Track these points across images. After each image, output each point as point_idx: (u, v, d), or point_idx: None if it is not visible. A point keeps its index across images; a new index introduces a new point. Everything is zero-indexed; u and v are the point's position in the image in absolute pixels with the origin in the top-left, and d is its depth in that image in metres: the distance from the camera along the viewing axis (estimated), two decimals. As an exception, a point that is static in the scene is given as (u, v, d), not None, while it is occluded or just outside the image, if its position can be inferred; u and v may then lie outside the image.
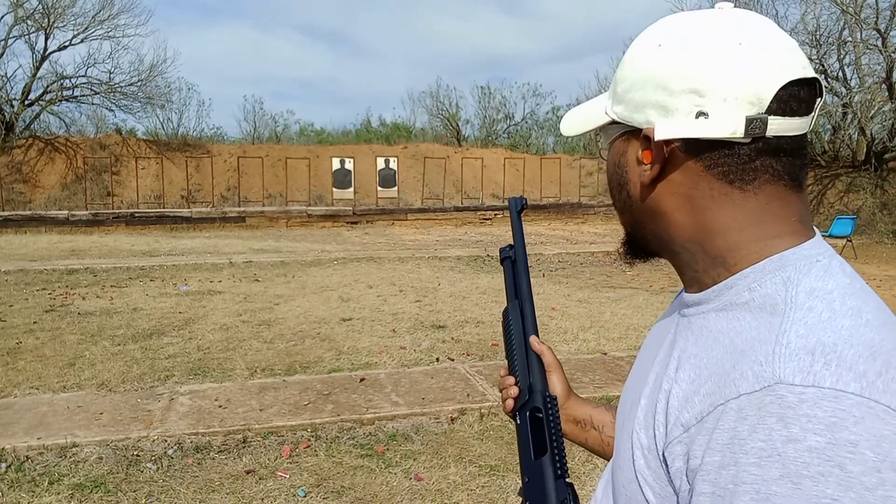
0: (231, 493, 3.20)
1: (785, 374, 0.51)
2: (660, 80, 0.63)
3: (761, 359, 0.53)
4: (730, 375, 0.55)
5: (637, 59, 0.66)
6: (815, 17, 18.34)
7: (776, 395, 0.50)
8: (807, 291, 0.57)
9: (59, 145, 21.77)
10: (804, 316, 0.55)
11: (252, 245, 14.51)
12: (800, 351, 0.52)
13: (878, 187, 17.57)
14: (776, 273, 0.60)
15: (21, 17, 21.95)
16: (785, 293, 0.58)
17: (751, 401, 0.51)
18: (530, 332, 0.90)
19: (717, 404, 0.54)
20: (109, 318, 6.91)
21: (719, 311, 0.62)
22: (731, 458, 0.51)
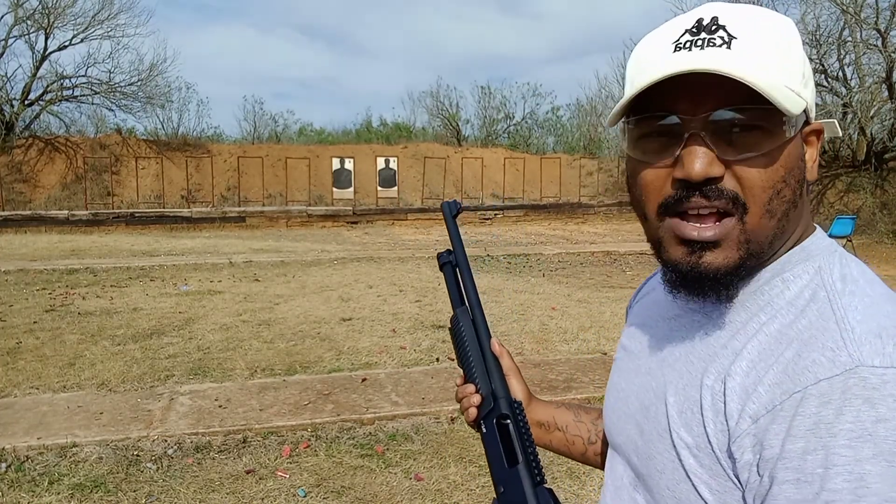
0: (231, 493, 3.20)
1: (864, 357, 0.52)
2: (809, 74, 0.65)
3: (830, 345, 0.54)
4: (798, 364, 0.55)
5: (804, 53, 0.65)
6: (815, 17, 18.33)
7: (859, 377, 0.51)
8: (840, 279, 0.60)
9: (59, 145, 21.77)
10: (851, 302, 0.57)
11: (252, 245, 14.51)
12: (868, 335, 0.53)
13: (878, 187, 17.57)
14: (806, 263, 0.62)
15: (21, 17, 21.95)
16: (821, 281, 0.60)
17: (832, 385, 0.52)
18: (485, 336, 0.88)
19: (791, 392, 0.54)
20: (109, 318, 6.91)
21: (750, 303, 0.63)
22: (817, 442, 0.51)
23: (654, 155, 0.63)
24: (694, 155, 0.59)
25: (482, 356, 0.87)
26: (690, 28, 0.62)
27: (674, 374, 0.66)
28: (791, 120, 0.59)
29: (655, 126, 0.63)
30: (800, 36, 0.65)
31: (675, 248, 0.63)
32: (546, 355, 5.50)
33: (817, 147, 0.65)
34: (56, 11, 22.23)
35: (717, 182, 0.60)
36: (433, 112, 32.16)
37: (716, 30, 0.61)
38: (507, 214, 21.48)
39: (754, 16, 0.62)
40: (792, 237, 0.64)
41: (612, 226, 20.19)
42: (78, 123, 24.92)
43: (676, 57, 0.61)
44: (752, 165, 0.59)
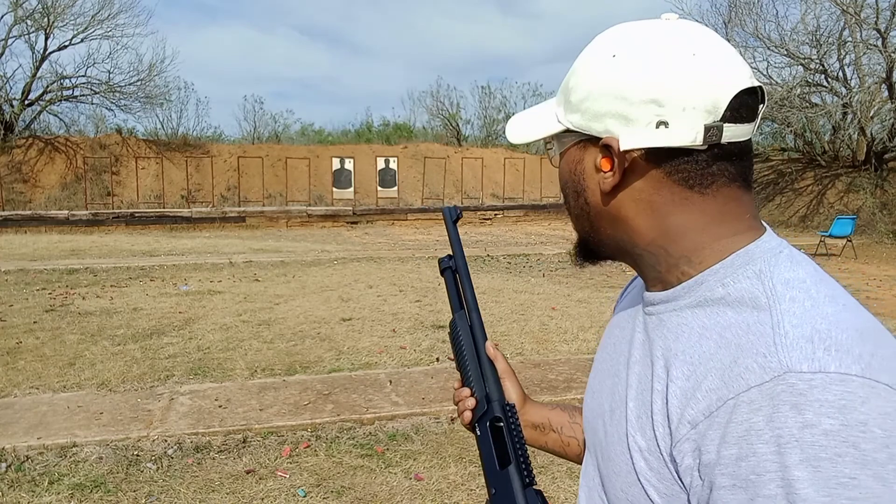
0: (231, 493, 3.20)
1: (792, 363, 0.52)
2: (619, 91, 0.64)
3: (763, 351, 0.55)
4: (733, 370, 0.56)
5: (592, 69, 0.67)
6: (815, 17, 18.34)
7: (787, 383, 0.52)
8: (783, 282, 0.60)
9: (59, 145, 21.76)
10: (790, 307, 0.57)
11: (252, 245, 14.51)
12: (799, 340, 0.54)
13: (878, 187, 17.56)
14: (746, 267, 0.63)
15: (21, 16, 21.94)
16: (762, 286, 0.60)
17: (762, 392, 0.53)
18: (481, 340, 0.89)
19: (726, 399, 0.55)
20: (109, 318, 6.91)
21: (695, 308, 0.64)
22: (748, 449, 0.52)
23: None
24: None
25: (478, 360, 0.88)
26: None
27: (633, 377, 0.68)
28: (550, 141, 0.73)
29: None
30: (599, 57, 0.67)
31: None
32: (546, 355, 5.50)
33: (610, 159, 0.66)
34: (56, 11, 22.22)
35: None
36: (433, 112, 32.17)
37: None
38: (507, 214, 21.47)
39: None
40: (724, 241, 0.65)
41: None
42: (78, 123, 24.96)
43: None
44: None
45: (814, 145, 20.59)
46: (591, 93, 0.66)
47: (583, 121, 0.67)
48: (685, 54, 0.62)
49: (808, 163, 20.44)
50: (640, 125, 0.63)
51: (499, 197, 23.70)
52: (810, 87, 19.54)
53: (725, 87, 0.61)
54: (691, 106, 0.61)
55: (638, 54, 0.63)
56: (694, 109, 0.61)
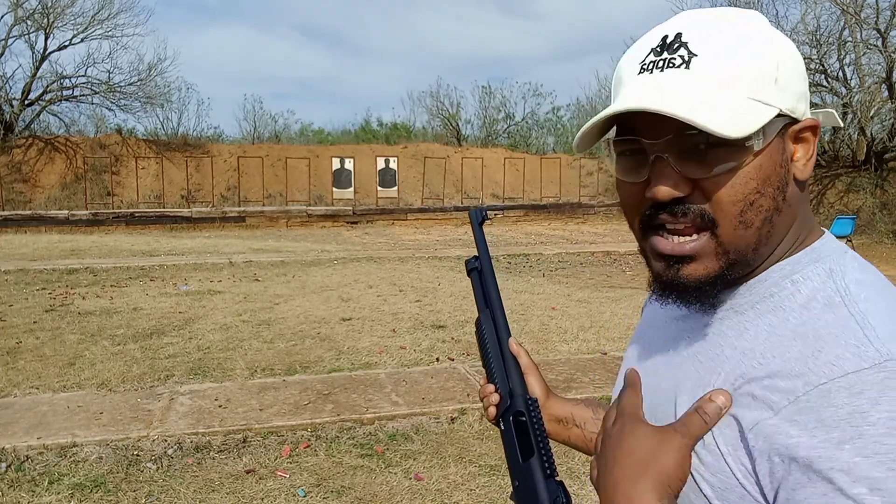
0: (231, 493, 3.20)
1: (893, 352, 0.53)
2: (802, 71, 0.64)
3: (854, 342, 0.54)
4: (819, 359, 0.55)
5: (788, 49, 0.64)
6: (815, 17, 18.34)
7: (889, 370, 0.52)
8: (855, 282, 0.60)
9: (59, 145, 21.76)
10: (867, 306, 0.57)
11: (252, 245, 14.51)
12: (892, 333, 0.55)
13: (878, 187, 17.56)
14: (816, 265, 0.63)
15: (21, 16, 21.95)
16: (834, 285, 0.60)
17: (862, 378, 0.52)
18: (505, 337, 0.91)
19: (816, 384, 0.54)
20: (109, 318, 6.91)
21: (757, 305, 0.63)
22: (853, 431, 0.51)
23: (630, 173, 0.65)
24: (658, 177, 0.61)
25: (501, 356, 0.90)
26: (655, 47, 0.64)
27: (682, 374, 0.67)
28: (757, 132, 0.59)
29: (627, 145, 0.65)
30: (777, 34, 0.64)
31: (655, 262, 0.65)
32: (546, 355, 5.50)
33: (813, 143, 0.64)
34: (56, 11, 22.23)
35: (685, 201, 0.61)
36: (433, 112, 32.17)
37: (678, 48, 0.62)
38: (507, 214, 21.48)
39: (721, 25, 0.62)
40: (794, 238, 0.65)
41: (612, 226, 20.19)
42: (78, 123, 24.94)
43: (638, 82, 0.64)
44: (720, 182, 0.60)
45: (814, 145, 20.57)
46: (795, 71, 0.64)
47: (791, 102, 0.63)
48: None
49: (808, 163, 20.43)
50: (806, 104, 0.64)
51: (499, 197, 23.70)
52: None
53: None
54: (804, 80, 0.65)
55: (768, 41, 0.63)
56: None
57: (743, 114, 0.59)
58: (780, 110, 0.61)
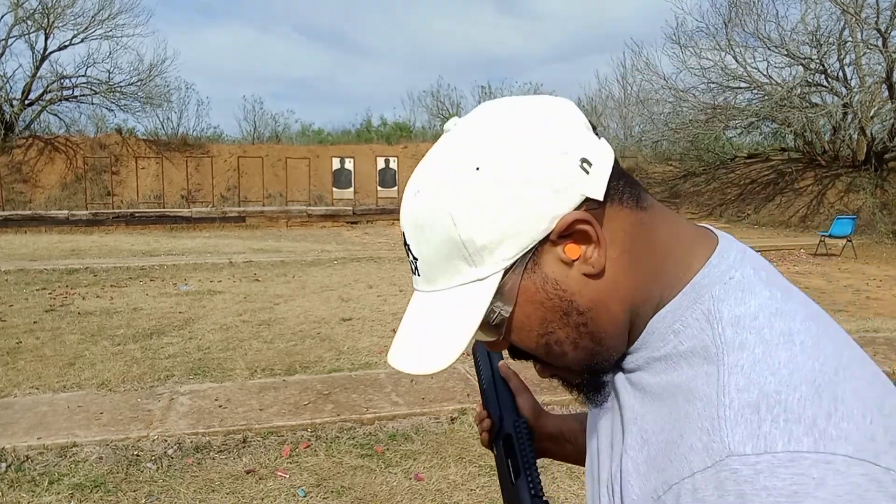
0: (231, 493, 3.20)
1: (735, 444, 0.46)
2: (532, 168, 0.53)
3: (707, 425, 0.48)
4: (679, 447, 0.49)
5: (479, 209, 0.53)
6: (815, 17, 18.35)
7: (730, 469, 0.45)
8: (732, 324, 0.52)
9: (59, 145, 21.77)
10: (738, 358, 0.50)
11: (252, 245, 14.51)
12: (745, 409, 0.47)
13: (878, 187, 17.56)
14: (695, 307, 0.54)
15: (21, 16, 21.96)
16: (711, 332, 0.52)
17: (706, 479, 0.46)
18: (496, 360, 0.91)
19: (671, 483, 0.49)
20: (109, 318, 6.91)
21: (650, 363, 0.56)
22: None
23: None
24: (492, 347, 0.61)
25: (493, 381, 0.91)
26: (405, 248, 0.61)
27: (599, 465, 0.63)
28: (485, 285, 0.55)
29: None
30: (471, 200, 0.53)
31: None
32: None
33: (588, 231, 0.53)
34: (56, 11, 22.24)
35: (509, 347, 0.60)
36: (433, 112, 32.17)
37: (409, 251, 0.59)
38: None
39: (417, 221, 0.57)
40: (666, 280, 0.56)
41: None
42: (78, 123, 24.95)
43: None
44: (511, 340, 0.58)
45: (814, 145, 20.59)
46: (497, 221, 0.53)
47: (512, 246, 0.53)
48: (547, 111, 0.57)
49: (808, 163, 20.45)
50: (576, 175, 0.53)
51: (499, 197, 23.69)
52: (810, 87, 19.56)
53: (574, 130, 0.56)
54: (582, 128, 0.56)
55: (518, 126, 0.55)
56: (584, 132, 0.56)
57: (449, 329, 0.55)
58: (507, 265, 0.54)
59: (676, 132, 22.60)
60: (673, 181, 24.12)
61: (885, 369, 5.01)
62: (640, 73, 24.05)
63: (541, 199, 0.52)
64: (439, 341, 0.56)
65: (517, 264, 0.54)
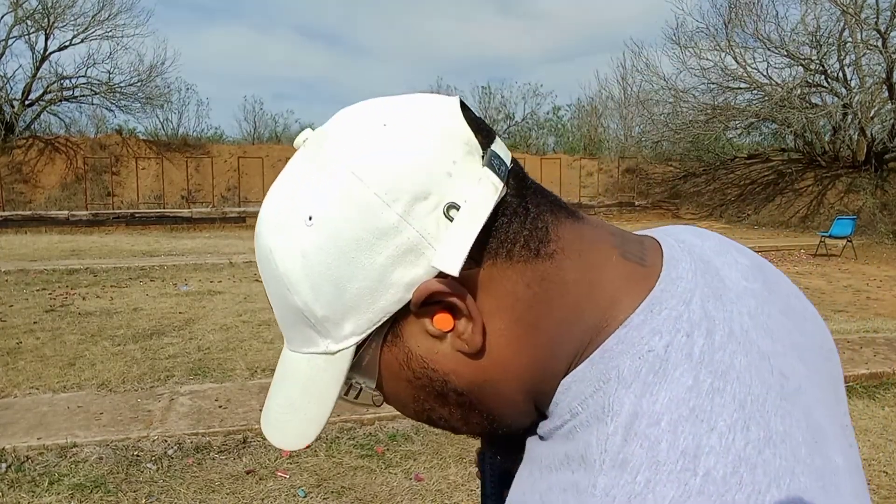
0: (231, 494, 3.20)
1: None
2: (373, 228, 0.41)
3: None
4: None
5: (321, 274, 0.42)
6: (815, 18, 18.36)
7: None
8: (626, 425, 0.39)
9: (60, 145, 21.78)
10: (612, 484, 0.38)
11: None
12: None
13: (879, 188, 17.57)
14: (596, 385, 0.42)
15: (21, 17, 21.97)
16: (598, 431, 0.40)
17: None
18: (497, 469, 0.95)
19: None
20: (109, 319, 6.91)
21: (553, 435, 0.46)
22: None
23: None
24: None
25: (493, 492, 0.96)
26: None
27: None
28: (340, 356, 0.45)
29: None
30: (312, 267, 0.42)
31: None
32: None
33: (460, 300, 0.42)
34: (56, 12, 22.26)
35: None
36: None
37: None
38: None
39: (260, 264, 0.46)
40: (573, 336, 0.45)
41: (612, 226, 20.17)
42: (78, 124, 25.02)
43: None
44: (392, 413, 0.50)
45: (814, 146, 20.60)
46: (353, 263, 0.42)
47: (366, 313, 0.43)
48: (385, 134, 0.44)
49: (808, 163, 20.46)
50: (435, 234, 0.41)
51: (499, 197, 23.69)
52: (810, 87, 19.57)
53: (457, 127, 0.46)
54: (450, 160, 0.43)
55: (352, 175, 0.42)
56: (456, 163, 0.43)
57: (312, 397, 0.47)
58: (364, 335, 0.44)
59: (676, 133, 22.62)
60: (673, 182, 24.13)
61: (886, 370, 5.00)
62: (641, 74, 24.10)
63: (388, 264, 0.41)
64: (299, 417, 0.48)
65: (372, 337, 0.44)
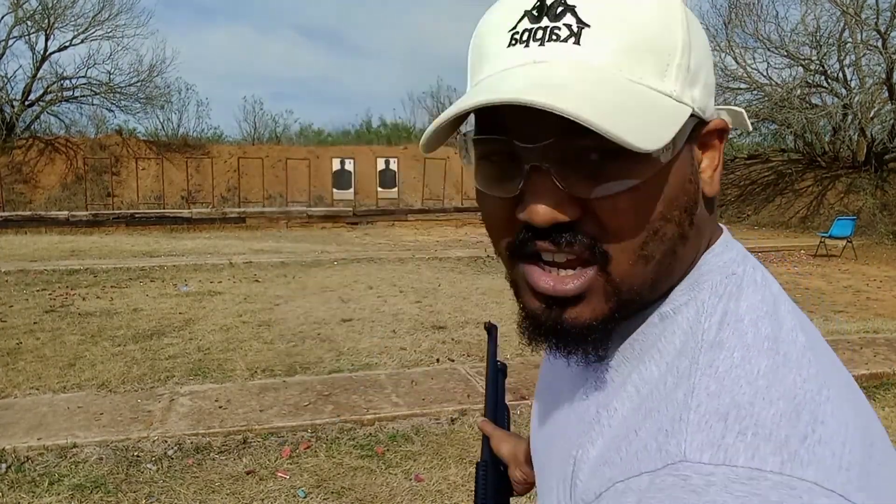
0: (231, 494, 3.20)
1: (691, 451, 0.41)
2: (710, 56, 0.50)
3: (667, 426, 0.43)
4: (632, 444, 0.45)
5: (697, 26, 0.49)
6: (815, 18, 18.36)
7: (680, 475, 0.40)
8: (718, 322, 0.47)
9: (60, 146, 21.77)
10: (714, 359, 0.45)
11: (252, 246, 14.51)
12: (710, 416, 0.42)
13: (879, 188, 17.56)
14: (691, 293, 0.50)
15: (21, 17, 21.96)
16: (698, 325, 0.47)
17: (653, 482, 0.41)
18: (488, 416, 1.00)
19: (615, 480, 0.44)
20: (109, 319, 6.91)
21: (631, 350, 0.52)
22: None
23: (494, 184, 0.49)
24: (536, 194, 0.45)
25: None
26: (530, 9, 0.46)
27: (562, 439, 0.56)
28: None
29: (492, 146, 0.48)
30: (682, 5, 0.48)
31: (531, 299, 0.51)
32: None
33: (720, 150, 0.51)
34: (56, 12, 22.24)
35: (571, 227, 0.46)
36: (434, 113, 32.18)
37: (562, 12, 0.45)
38: (507, 215, 21.47)
39: None
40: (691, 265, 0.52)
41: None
42: (78, 124, 24.94)
43: (510, 56, 0.47)
44: (617, 204, 0.45)
45: (814, 146, 20.60)
46: (706, 56, 0.49)
47: (703, 98, 0.48)
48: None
49: (808, 164, 20.45)
50: (713, 100, 0.51)
51: (499, 198, 23.68)
52: (810, 87, 19.57)
53: None
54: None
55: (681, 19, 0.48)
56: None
57: (655, 114, 0.44)
58: (693, 109, 0.47)
59: (676, 133, 22.58)
60: (673, 182, 24.11)
61: (886, 370, 5.00)
62: (640, 74, 24.04)
63: (712, 86, 0.50)
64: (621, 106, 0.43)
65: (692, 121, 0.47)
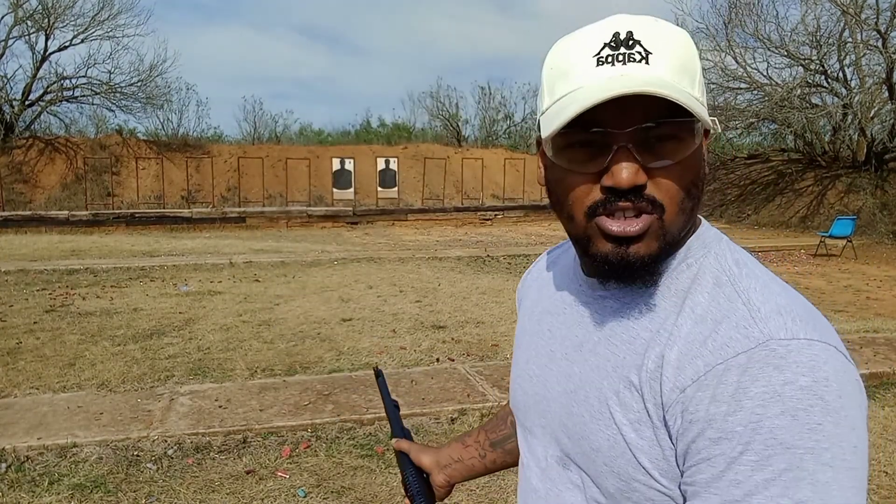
0: (231, 494, 3.20)
1: (773, 332, 0.61)
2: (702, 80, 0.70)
3: (743, 323, 0.63)
4: (716, 340, 0.63)
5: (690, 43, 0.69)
6: (815, 18, 18.35)
7: (769, 349, 0.60)
8: (735, 264, 0.70)
9: (60, 146, 21.76)
10: (749, 284, 0.67)
11: (252, 245, 14.50)
12: (772, 313, 0.63)
13: (878, 188, 17.55)
14: (703, 249, 0.72)
15: (21, 17, 21.94)
16: (720, 267, 0.70)
17: (750, 357, 0.60)
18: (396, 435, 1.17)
19: (714, 364, 0.62)
20: (109, 319, 6.91)
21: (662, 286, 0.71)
22: (736, 405, 0.59)
23: (582, 164, 0.68)
24: (623, 167, 0.65)
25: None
26: (609, 42, 0.66)
27: (598, 358, 0.73)
28: (699, 128, 0.66)
29: (581, 136, 0.67)
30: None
31: (603, 244, 0.69)
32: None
33: (706, 144, 0.71)
34: (56, 12, 22.22)
35: (641, 189, 0.66)
36: (433, 112, 32.19)
37: (633, 44, 0.65)
38: (507, 215, 21.47)
39: (662, 30, 0.67)
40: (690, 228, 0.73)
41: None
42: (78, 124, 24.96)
43: (602, 72, 0.66)
44: (670, 172, 0.66)
45: (814, 146, 20.59)
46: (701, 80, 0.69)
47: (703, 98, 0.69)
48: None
49: (808, 163, 20.44)
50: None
51: (499, 197, 23.69)
52: (810, 87, 19.55)
53: None
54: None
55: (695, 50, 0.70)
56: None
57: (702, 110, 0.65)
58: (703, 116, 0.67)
59: (676, 133, 22.56)
60: (673, 182, 24.09)
61: (886, 370, 5.00)
62: (641, 74, 24.02)
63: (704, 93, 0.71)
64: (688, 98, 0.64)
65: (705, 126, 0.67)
